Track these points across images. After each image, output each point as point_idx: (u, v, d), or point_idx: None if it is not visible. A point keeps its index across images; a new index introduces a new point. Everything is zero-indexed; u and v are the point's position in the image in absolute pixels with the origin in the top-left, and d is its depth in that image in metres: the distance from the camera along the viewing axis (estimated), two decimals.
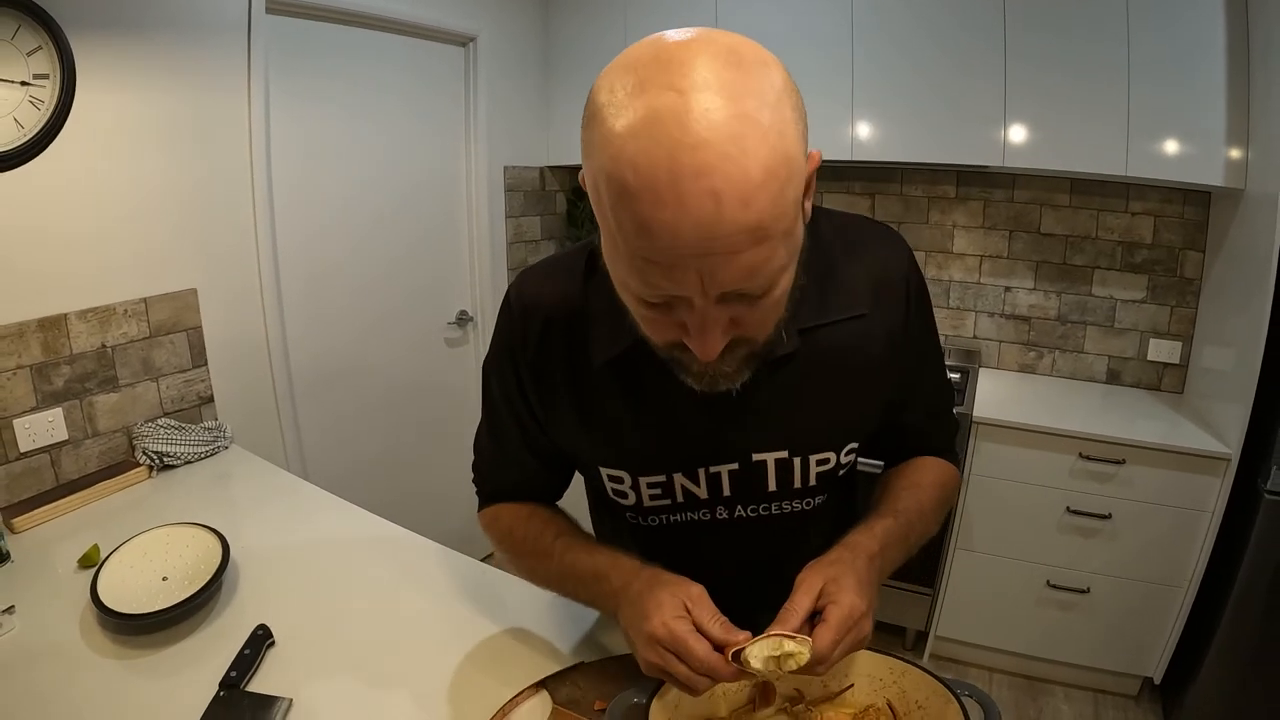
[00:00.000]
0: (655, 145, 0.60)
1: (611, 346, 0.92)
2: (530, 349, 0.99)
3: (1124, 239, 2.95)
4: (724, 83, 0.60)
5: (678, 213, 0.60)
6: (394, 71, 2.95)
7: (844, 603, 0.84)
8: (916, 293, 1.01)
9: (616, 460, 1.01)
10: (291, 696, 1.16)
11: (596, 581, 0.97)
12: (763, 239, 0.64)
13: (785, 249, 0.68)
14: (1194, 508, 2.44)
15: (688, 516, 1.05)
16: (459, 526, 3.44)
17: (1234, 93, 2.36)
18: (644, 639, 0.85)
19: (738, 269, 0.64)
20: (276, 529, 1.80)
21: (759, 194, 0.61)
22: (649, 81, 0.61)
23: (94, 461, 2.08)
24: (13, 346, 1.89)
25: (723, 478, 1.00)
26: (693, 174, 0.59)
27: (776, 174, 0.62)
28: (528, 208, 3.68)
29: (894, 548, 0.97)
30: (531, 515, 1.11)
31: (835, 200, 3.41)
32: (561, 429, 1.03)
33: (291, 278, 2.65)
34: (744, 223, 0.61)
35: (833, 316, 0.94)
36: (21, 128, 1.85)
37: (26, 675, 1.26)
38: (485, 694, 1.14)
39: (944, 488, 1.12)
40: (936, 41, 2.72)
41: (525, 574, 1.13)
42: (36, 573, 1.61)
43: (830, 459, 1.01)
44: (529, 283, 1.02)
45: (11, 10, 1.78)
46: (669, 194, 0.60)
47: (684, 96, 0.60)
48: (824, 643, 0.81)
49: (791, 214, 0.66)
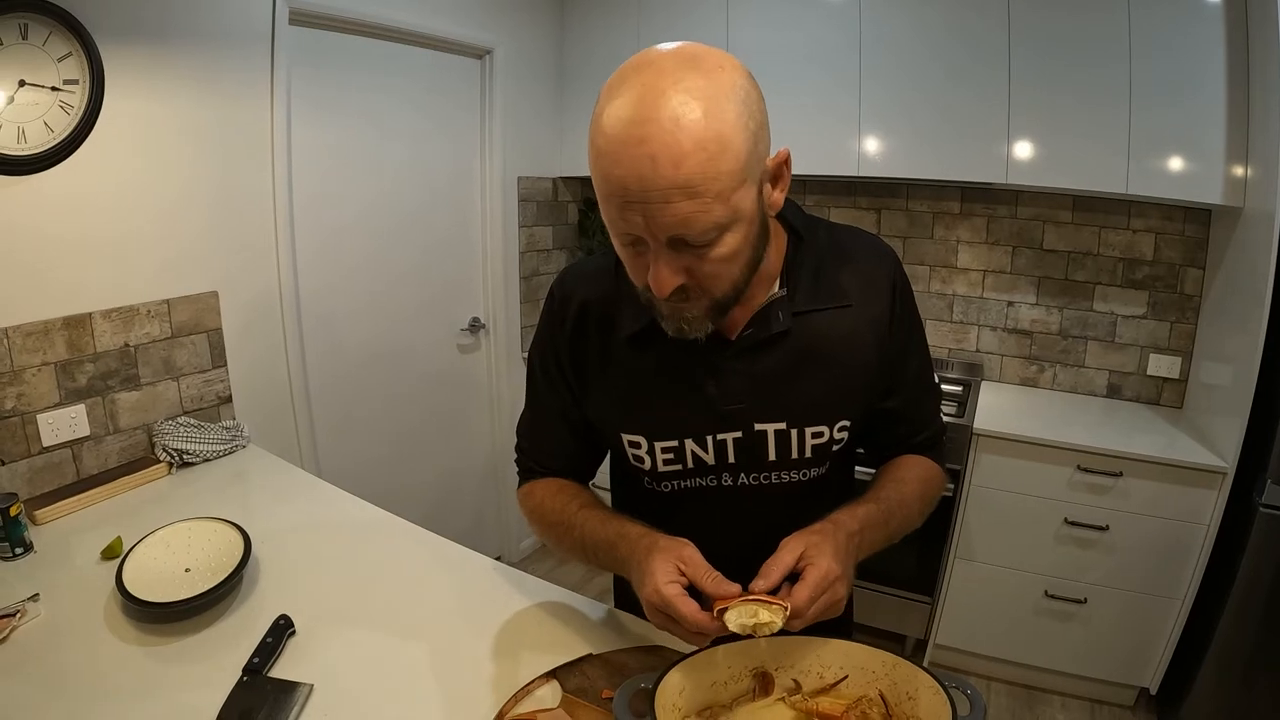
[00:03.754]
0: (616, 123, 0.81)
1: (634, 323, 1.10)
2: (569, 330, 1.16)
3: (1125, 255, 2.99)
4: (676, 80, 0.80)
5: (625, 169, 0.81)
6: (412, 82, 3.01)
7: (821, 565, 0.93)
8: (902, 294, 1.16)
9: (636, 426, 1.14)
10: (312, 682, 1.20)
11: (609, 549, 1.08)
12: (693, 195, 0.81)
13: (721, 211, 0.84)
14: (1190, 520, 2.47)
15: (697, 482, 1.17)
16: (467, 527, 3.50)
17: (1234, 112, 2.40)
18: (643, 602, 0.97)
19: (672, 216, 0.83)
20: (295, 524, 1.83)
21: (688, 160, 0.79)
22: (625, 79, 0.83)
23: (114, 457, 2.13)
24: (38, 344, 1.95)
25: (728, 445, 1.12)
26: (637, 142, 0.80)
27: (706, 147, 0.80)
28: (540, 217, 3.74)
29: (873, 530, 1.05)
30: (561, 490, 1.23)
31: (842, 214, 3.46)
32: (592, 399, 1.18)
33: (309, 283, 2.70)
34: (674, 180, 0.80)
35: (823, 304, 1.10)
36: (51, 131, 1.91)
37: (53, 660, 1.30)
38: (498, 682, 1.19)
39: (927, 483, 1.21)
40: (942, 61, 2.78)
41: (553, 542, 1.23)
42: (60, 563, 1.66)
43: (824, 433, 1.13)
44: (569, 275, 1.21)
45: (43, 17, 1.84)
46: (621, 155, 0.81)
47: (645, 89, 0.80)
48: (800, 599, 0.90)
49: (725, 183, 0.83)
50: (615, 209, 0.86)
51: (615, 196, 0.84)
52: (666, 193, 0.81)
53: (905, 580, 2.94)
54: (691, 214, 0.83)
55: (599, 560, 1.13)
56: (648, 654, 1.22)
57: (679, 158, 0.79)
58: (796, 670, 1.02)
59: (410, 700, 1.18)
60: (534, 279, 3.76)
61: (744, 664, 1.02)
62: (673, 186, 0.80)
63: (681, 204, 0.82)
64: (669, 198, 0.81)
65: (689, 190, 0.81)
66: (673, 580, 0.94)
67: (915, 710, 0.94)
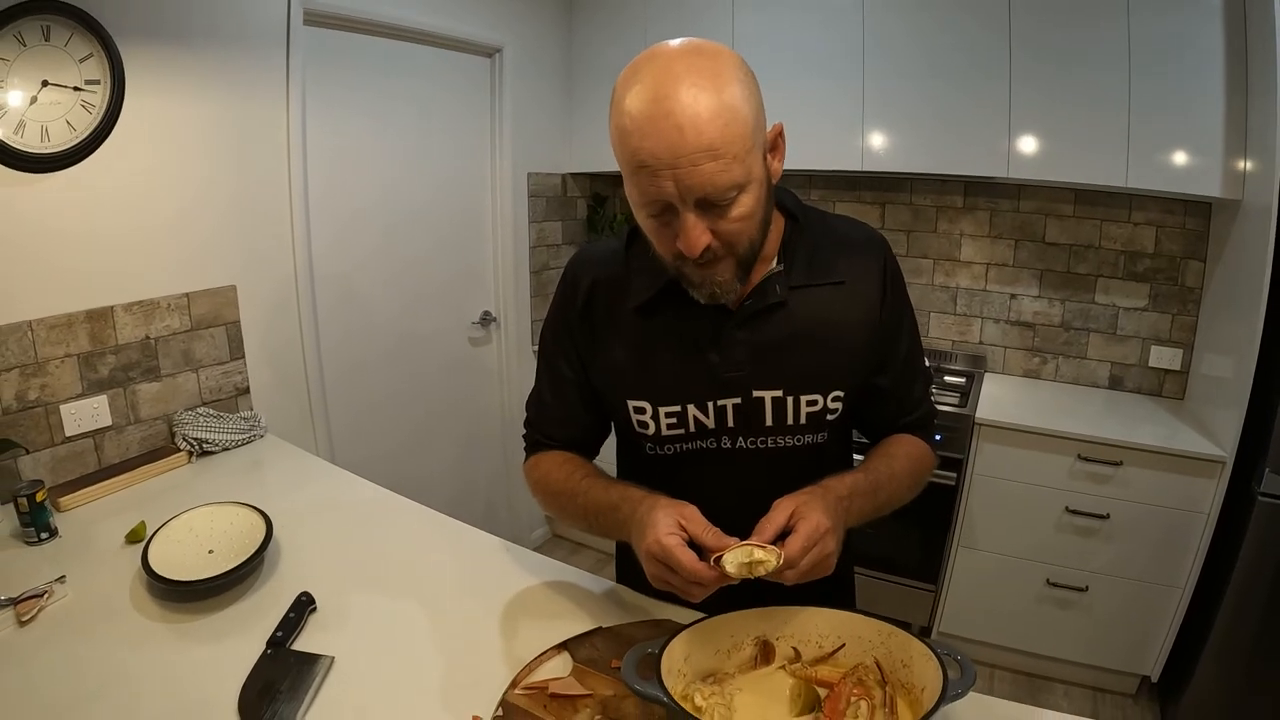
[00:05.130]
0: (642, 104, 0.93)
1: (642, 294, 1.19)
2: (579, 303, 1.26)
3: (1126, 248, 3.02)
4: (686, 65, 0.93)
5: (655, 141, 0.93)
6: (423, 81, 3.06)
7: (812, 519, 0.99)
8: (892, 277, 1.24)
9: (641, 392, 1.21)
10: (334, 655, 1.26)
11: (612, 511, 1.15)
12: (716, 157, 0.93)
13: (739, 170, 0.96)
14: (1190, 509, 2.50)
15: (698, 445, 1.23)
16: (479, 518, 3.53)
17: (1232, 105, 2.42)
18: (643, 554, 1.02)
19: (700, 177, 0.94)
20: (313, 508, 1.88)
21: (709, 127, 0.92)
22: (640, 70, 0.96)
23: (135, 447, 2.18)
24: (62, 336, 2.00)
25: (728, 410, 1.19)
26: (664, 116, 0.92)
27: (721, 115, 0.92)
28: (550, 213, 3.78)
29: (862, 498, 1.12)
30: (566, 461, 1.31)
31: (847, 208, 3.50)
32: (600, 368, 1.26)
33: (324, 276, 2.76)
34: (699, 144, 0.92)
35: (817, 280, 1.18)
36: (74, 130, 1.95)
37: (81, 637, 1.35)
38: (511, 653, 1.24)
39: (916, 460, 1.28)
40: (944, 57, 2.81)
41: (557, 511, 1.30)
42: (84, 547, 1.70)
43: (818, 401, 1.19)
44: (580, 256, 1.32)
45: (64, 19, 1.89)
46: (650, 130, 0.93)
47: (661, 74, 0.93)
48: (793, 549, 0.97)
49: (740, 146, 0.95)
50: (647, 179, 0.96)
51: (646, 167, 0.95)
52: (693, 157, 0.92)
53: (909, 568, 2.98)
54: (715, 174, 0.94)
55: (601, 524, 1.19)
56: (654, 626, 1.27)
57: (701, 125, 0.91)
58: (796, 639, 1.07)
59: (427, 671, 1.23)
60: (544, 273, 3.80)
61: (746, 633, 1.07)
62: (698, 150, 0.92)
63: (706, 165, 0.93)
64: (696, 161, 0.93)
65: (712, 153, 0.93)
66: (673, 532, 1.00)
67: (909, 677, 0.99)
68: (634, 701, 1.05)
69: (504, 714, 1.07)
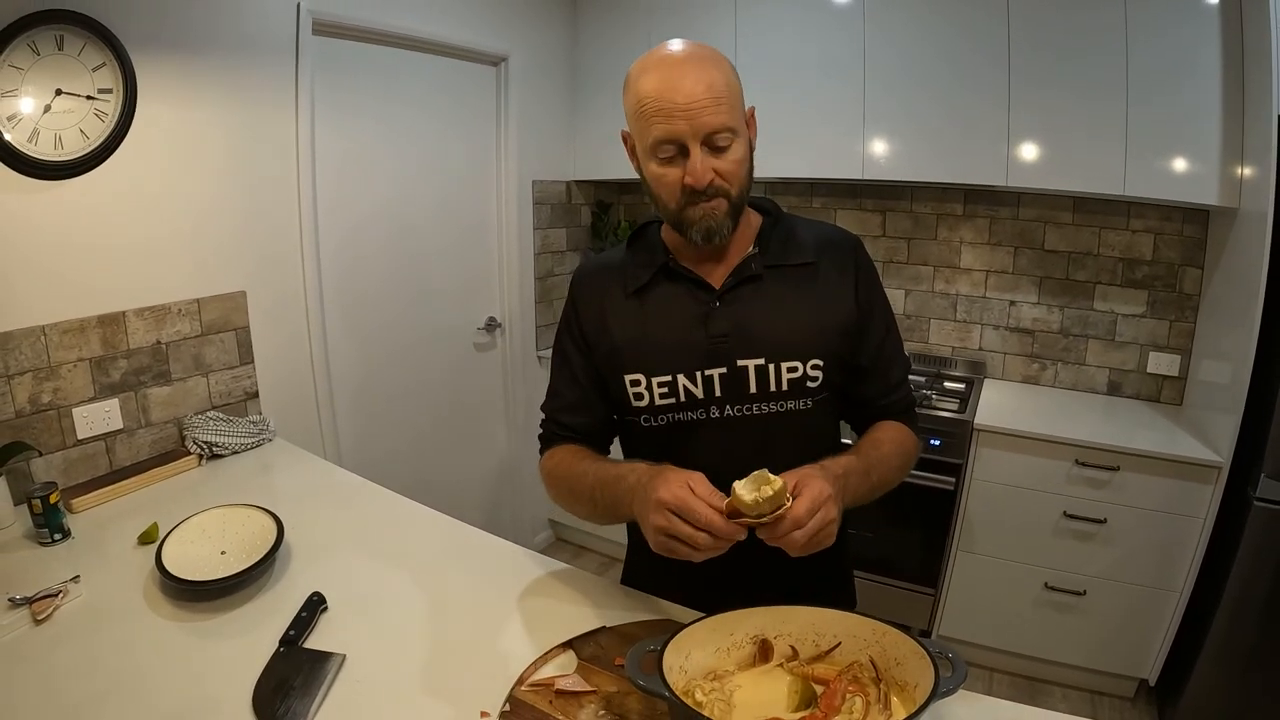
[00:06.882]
0: (658, 70, 1.18)
1: (636, 281, 1.35)
2: (584, 302, 1.40)
3: (1125, 255, 3.05)
4: (689, 48, 1.20)
5: (674, 91, 1.15)
6: (430, 89, 3.09)
7: (815, 485, 1.06)
8: (864, 269, 1.38)
9: (636, 365, 1.33)
10: (345, 653, 1.29)
11: (618, 481, 1.22)
12: (719, 103, 1.16)
13: (736, 118, 1.20)
14: (1187, 514, 2.52)
15: (688, 415, 1.33)
16: (483, 523, 3.55)
17: (1229, 114, 2.45)
18: (653, 506, 1.07)
19: (710, 117, 1.16)
20: (322, 510, 1.91)
21: (715, 81, 1.17)
22: (651, 55, 1.21)
23: (145, 450, 2.21)
24: (74, 340, 2.03)
25: (715, 380, 1.30)
26: (680, 75, 1.16)
27: (719, 76, 1.18)
28: (554, 220, 3.82)
29: (857, 477, 1.20)
30: (576, 451, 1.40)
31: (848, 216, 3.54)
32: (602, 350, 1.37)
33: (332, 283, 2.79)
34: (709, 93, 1.15)
35: (791, 260, 1.34)
36: (87, 138, 1.99)
37: (95, 635, 1.37)
38: (518, 651, 1.27)
39: (902, 444, 1.37)
40: (944, 67, 2.85)
41: (567, 495, 1.38)
42: (97, 548, 1.73)
43: (798, 368, 1.30)
44: (584, 264, 1.49)
45: (77, 29, 1.92)
46: (667, 85, 1.16)
47: (669, 54, 1.19)
48: (799, 509, 1.03)
49: (735, 100, 1.20)
50: (664, 122, 1.17)
51: (663, 113, 1.16)
52: (704, 102, 1.15)
53: (909, 572, 3.00)
54: (718, 114, 1.16)
55: (608, 496, 1.24)
56: (656, 626, 1.30)
57: (710, 80, 1.16)
58: (794, 638, 1.10)
59: (436, 667, 1.26)
60: (549, 279, 3.84)
61: (745, 632, 1.10)
62: (708, 97, 1.15)
63: (712, 109, 1.15)
64: (704, 105, 1.15)
65: (717, 100, 1.16)
66: (685, 486, 1.07)
67: (903, 674, 1.02)
68: (637, 697, 1.09)
69: (511, 710, 1.10)
